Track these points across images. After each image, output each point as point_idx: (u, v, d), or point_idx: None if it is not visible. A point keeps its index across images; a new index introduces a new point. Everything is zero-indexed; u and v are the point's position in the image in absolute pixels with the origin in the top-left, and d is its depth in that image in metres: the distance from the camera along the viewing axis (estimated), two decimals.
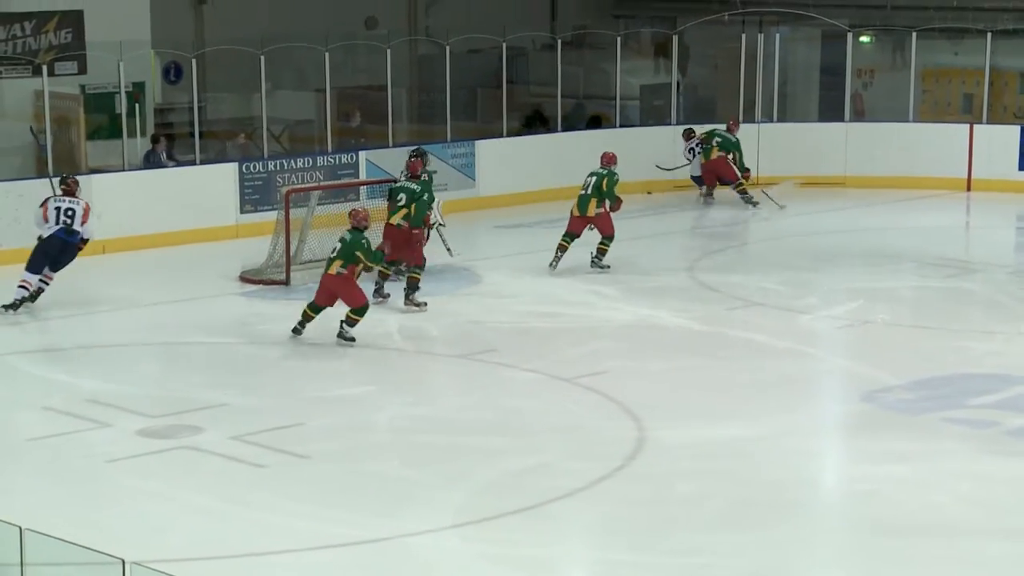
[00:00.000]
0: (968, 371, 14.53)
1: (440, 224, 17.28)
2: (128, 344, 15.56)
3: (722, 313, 16.57)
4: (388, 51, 22.63)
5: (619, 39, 25.19)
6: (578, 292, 16.74)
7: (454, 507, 11.10)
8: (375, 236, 16.56)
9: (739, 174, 22.33)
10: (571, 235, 18.17)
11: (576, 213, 18.19)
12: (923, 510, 11.15)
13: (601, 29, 27.80)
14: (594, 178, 18.22)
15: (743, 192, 22.28)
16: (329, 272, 15.25)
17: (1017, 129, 24.16)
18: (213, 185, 20.77)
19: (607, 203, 18.14)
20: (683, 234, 21.52)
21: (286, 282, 17.86)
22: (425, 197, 16.81)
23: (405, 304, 16.53)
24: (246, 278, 18.11)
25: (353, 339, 15.19)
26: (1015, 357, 15.09)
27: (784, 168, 24.05)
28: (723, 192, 23.04)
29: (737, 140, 22.49)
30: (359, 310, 15.22)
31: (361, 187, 20.75)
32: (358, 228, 15.34)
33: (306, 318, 15.36)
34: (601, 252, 18.26)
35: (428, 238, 17.19)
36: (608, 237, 18.24)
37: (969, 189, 23.57)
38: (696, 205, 23.03)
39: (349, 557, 10.28)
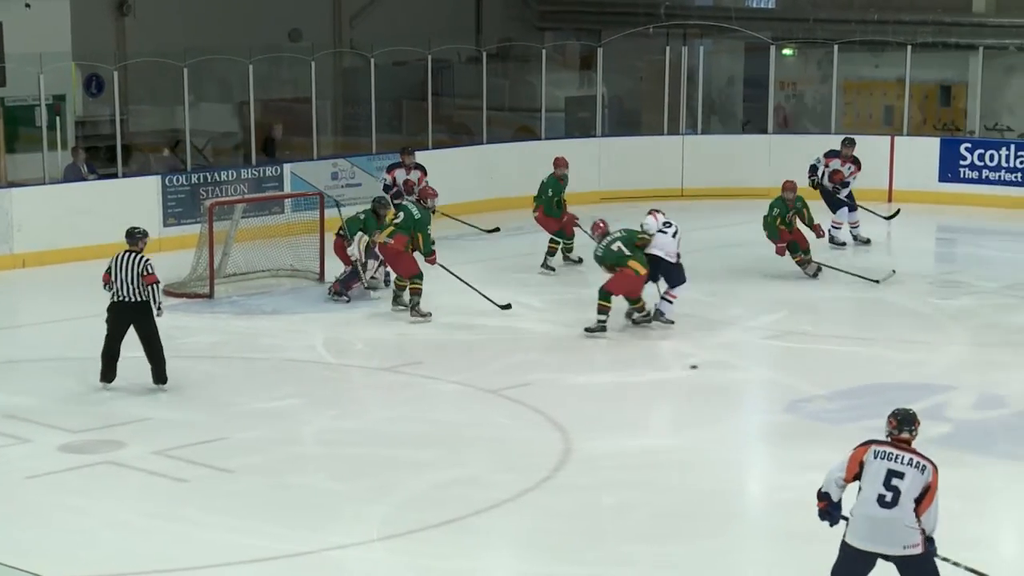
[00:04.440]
0: (889, 381, 14.65)
1: (361, 261, 17.31)
2: (49, 359, 15.41)
3: (650, 326, 16.60)
4: (312, 63, 22.58)
5: (544, 52, 25.29)
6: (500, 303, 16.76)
7: (380, 520, 11.08)
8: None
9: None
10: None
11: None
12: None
13: (526, 42, 27.91)
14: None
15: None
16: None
17: (937, 141, 24.42)
18: (135, 198, 20.61)
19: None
20: None
21: (210, 295, 17.78)
22: (427, 228, 16.88)
23: (411, 315, 16.60)
24: (169, 291, 17.94)
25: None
26: (935, 367, 15.26)
27: (707, 180, 24.17)
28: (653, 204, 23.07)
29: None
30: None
31: (285, 200, 20.70)
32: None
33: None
34: (551, 251, 19.26)
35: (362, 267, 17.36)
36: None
37: (890, 200, 23.77)
38: (606, 217, 22.79)
39: (273, 571, 10.24)
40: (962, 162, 23.96)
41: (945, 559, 8.89)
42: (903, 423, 8.82)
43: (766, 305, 17.64)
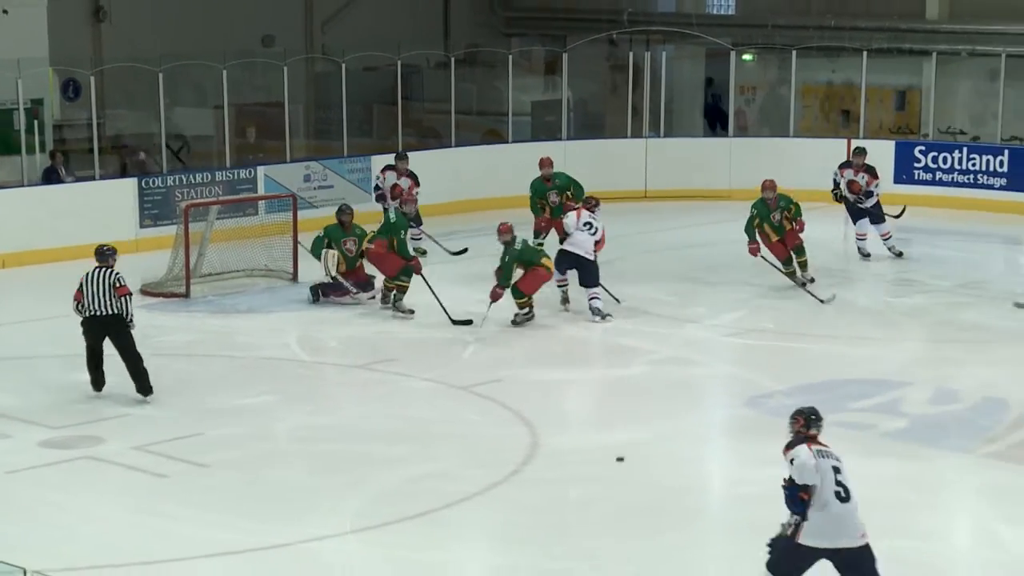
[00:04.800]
0: (847, 376, 14.72)
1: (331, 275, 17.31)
2: (29, 357, 15.39)
3: (613, 322, 16.68)
4: (285, 68, 22.57)
5: (510, 57, 25.31)
6: (471, 302, 16.77)
7: (354, 513, 11.11)
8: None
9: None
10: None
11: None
12: None
13: (493, 47, 27.90)
14: None
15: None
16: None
17: (892, 144, 24.52)
18: (112, 200, 20.59)
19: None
20: None
21: (186, 294, 17.77)
22: (401, 234, 17.05)
23: (393, 311, 16.73)
24: (147, 291, 17.97)
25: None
26: (891, 363, 15.34)
27: (670, 182, 24.26)
28: (617, 206, 23.14)
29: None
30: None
31: (259, 201, 20.69)
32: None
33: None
34: None
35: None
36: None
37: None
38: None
39: (251, 563, 10.24)
40: (916, 164, 24.07)
41: None
42: (812, 420, 8.87)
43: (728, 304, 17.71)
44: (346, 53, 23.89)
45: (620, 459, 9.01)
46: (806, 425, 8.88)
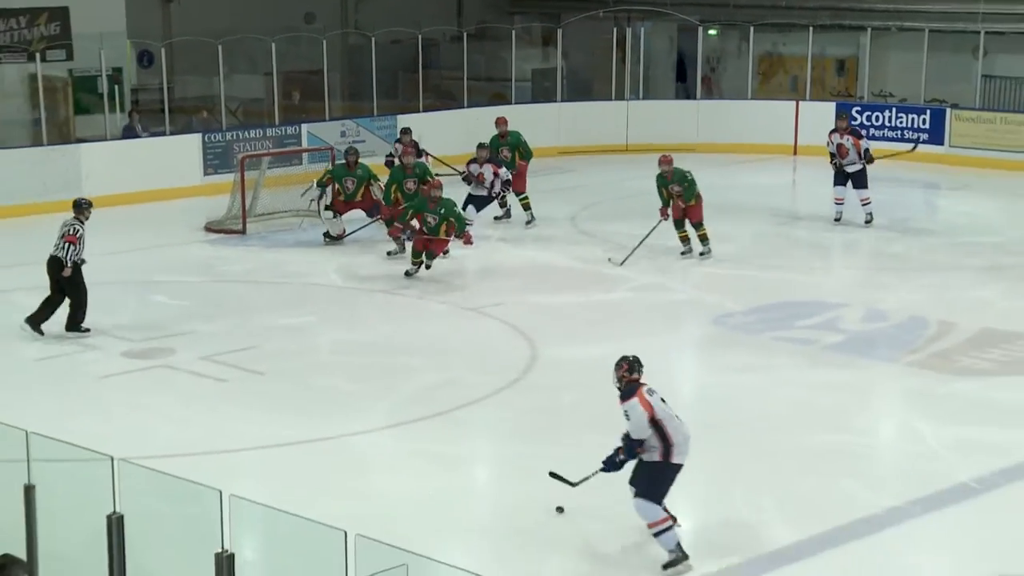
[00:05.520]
0: (793, 299, 14.75)
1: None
2: (114, 282, 15.39)
3: (598, 254, 16.67)
4: (324, 42, 22.44)
5: (513, 32, 25.15)
6: (478, 239, 16.74)
7: (384, 413, 11.17)
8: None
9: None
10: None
11: None
12: (761, 408, 11.37)
13: (499, 24, 27.73)
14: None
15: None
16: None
17: (833, 105, 24.38)
18: (181, 152, 20.51)
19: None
20: (565, 191, 21.52)
21: (243, 231, 17.74)
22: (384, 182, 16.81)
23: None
24: (210, 228, 17.96)
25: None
26: (830, 288, 15.36)
27: (647, 137, 24.14)
28: (603, 157, 23.09)
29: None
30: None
31: (303, 154, 20.66)
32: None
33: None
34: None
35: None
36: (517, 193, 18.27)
37: (795, 154, 23.81)
38: (564, 168, 22.81)
39: (298, 453, 10.33)
40: (854, 122, 23.80)
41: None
42: (635, 366, 8.58)
43: (695, 238, 17.63)
44: (375, 28, 23.79)
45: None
46: (629, 371, 8.58)
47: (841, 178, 18.26)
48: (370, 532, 5.81)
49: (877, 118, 23.79)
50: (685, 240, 16.40)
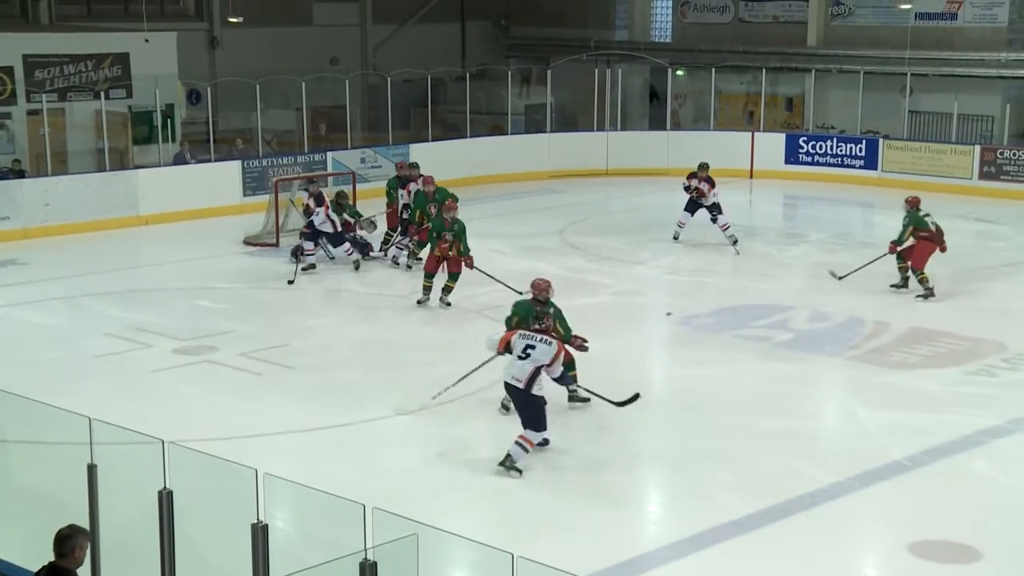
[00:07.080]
0: (749, 303, 14.72)
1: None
2: (165, 288, 15.37)
3: (583, 264, 16.63)
4: (347, 81, 22.39)
5: (509, 73, 25.17)
6: (480, 250, 16.69)
7: (398, 402, 11.09)
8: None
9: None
10: None
11: None
12: (722, 396, 11.33)
13: (497, 65, 27.74)
14: None
15: None
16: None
17: (783, 136, 24.45)
18: (223, 177, 20.45)
19: None
20: (554, 209, 21.46)
21: (276, 244, 17.68)
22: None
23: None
24: (248, 242, 17.91)
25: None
26: (781, 293, 15.30)
27: (624, 163, 24.11)
28: (586, 180, 23.04)
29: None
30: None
31: (328, 177, 20.61)
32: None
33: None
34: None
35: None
36: None
37: (751, 177, 23.79)
38: (553, 189, 22.81)
39: (323, 437, 10.29)
40: (800, 150, 23.97)
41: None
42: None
43: (664, 251, 17.61)
44: (391, 70, 23.78)
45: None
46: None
47: (693, 208, 17.60)
48: (385, 505, 5.77)
49: (820, 147, 23.82)
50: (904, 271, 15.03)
